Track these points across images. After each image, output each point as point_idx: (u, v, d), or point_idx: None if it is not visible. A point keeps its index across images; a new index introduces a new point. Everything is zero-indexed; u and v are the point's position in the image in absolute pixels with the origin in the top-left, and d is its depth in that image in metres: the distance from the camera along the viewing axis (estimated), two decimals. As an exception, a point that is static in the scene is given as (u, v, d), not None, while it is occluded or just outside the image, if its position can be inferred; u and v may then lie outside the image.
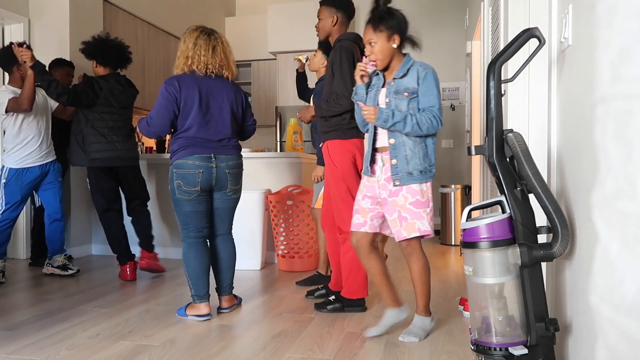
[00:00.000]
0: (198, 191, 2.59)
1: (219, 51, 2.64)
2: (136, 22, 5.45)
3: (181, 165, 2.57)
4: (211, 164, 2.59)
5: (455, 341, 2.28)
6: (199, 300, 2.61)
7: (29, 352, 2.15)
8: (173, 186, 2.61)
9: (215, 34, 2.68)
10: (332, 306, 2.74)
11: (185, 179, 2.57)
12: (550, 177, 1.88)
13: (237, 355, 2.12)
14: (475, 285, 1.56)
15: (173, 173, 2.60)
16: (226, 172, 2.65)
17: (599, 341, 1.27)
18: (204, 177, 2.58)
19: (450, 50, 7.21)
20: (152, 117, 2.61)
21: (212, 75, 2.64)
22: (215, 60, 2.62)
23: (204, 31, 2.65)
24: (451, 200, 5.25)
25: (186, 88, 2.58)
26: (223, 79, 2.69)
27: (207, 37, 2.63)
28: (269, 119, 7.43)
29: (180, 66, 2.63)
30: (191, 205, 2.61)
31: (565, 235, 1.50)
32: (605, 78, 1.23)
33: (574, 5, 1.55)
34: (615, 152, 1.16)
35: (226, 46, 2.70)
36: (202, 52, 2.59)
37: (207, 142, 2.60)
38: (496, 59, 1.56)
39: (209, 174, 2.59)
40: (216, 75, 2.65)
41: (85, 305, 2.90)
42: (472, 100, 4.86)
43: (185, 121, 2.59)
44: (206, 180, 2.59)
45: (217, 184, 2.65)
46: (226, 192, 2.70)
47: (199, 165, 2.56)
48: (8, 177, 3.51)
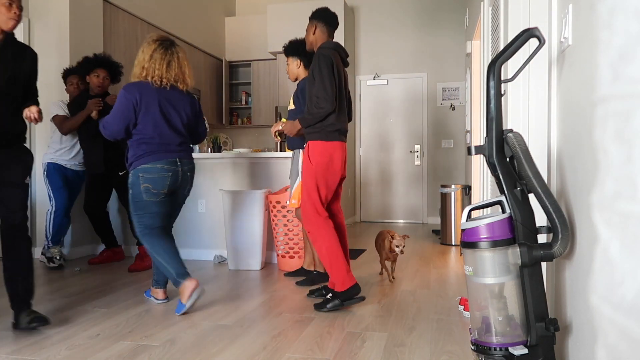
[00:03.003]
0: (165, 193, 2.79)
1: (174, 66, 2.80)
2: (136, 22, 5.45)
3: (150, 170, 2.72)
4: (177, 167, 2.80)
5: (455, 341, 2.28)
6: (183, 278, 2.71)
7: (29, 352, 2.15)
8: (139, 190, 2.74)
9: (172, 47, 2.82)
10: (331, 304, 2.75)
11: (154, 182, 2.73)
12: (550, 177, 1.88)
13: (237, 355, 2.12)
14: (475, 285, 1.56)
15: (139, 177, 2.73)
16: (188, 174, 2.89)
17: (599, 341, 1.27)
18: (172, 180, 2.79)
19: (450, 50, 7.21)
20: (109, 121, 2.74)
21: (167, 87, 2.79)
22: (170, 74, 2.78)
23: (162, 45, 2.78)
24: (451, 200, 5.25)
25: (146, 96, 2.73)
26: (178, 90, 2.85)
27: (163, 51, 2.77)
28: (269, 119, 7.44)
29: (137, 75, 2.78)
30: (158, 206, 2.79)
31: (565, 235, 1.50)
32: (605, 78, 1.23)
33: (574, 5, 1.55)
34: (615, 152, 1.16)
35: (182, 60, 2.84)
36: (156, 66, 2.75)
37: (171, 147, 2.80)
38: (496, 59, 1.56)
39: (176, 177, 2.80)
40: (171, 86, 2.81)
41: (85, 305, 2.90)
42: (472, 100, 4.86)
43: (149, 127, 2.73)
44: (174, 182, 2.80)
45: (180, 185, 2.86)
46: (184, 192, 2.94)
47: (167, 169, 2.75)
48: (48, 169, 4.06)
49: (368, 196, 7.53)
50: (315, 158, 2.83)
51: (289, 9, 6.89)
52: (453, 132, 7.20)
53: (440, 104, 7.28)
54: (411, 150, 7.35)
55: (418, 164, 7.31)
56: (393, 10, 7.42)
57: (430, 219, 7.29)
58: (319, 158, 2.83)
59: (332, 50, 2.87)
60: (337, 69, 2.82)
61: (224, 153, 4.40)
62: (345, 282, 2.75)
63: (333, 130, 2.84)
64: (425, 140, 7.29)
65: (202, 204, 4.40)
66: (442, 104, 7.27)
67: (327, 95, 2.73)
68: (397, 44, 7.41)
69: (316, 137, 2.84)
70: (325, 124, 2.82)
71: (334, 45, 2.92)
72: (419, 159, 7.31)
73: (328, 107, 2.74)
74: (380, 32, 7.48)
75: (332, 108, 2.75)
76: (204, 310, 2.79)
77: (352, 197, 7.41)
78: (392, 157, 7.44)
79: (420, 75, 7.33)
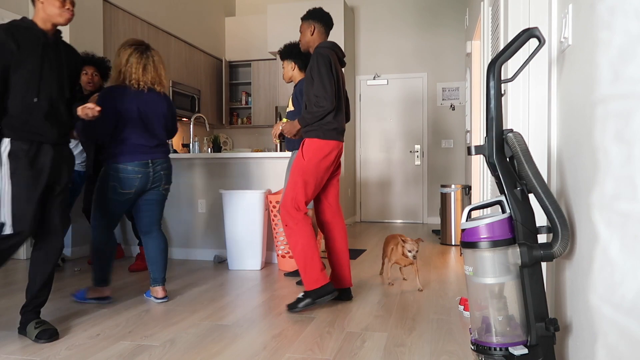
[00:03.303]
0: (132, 193, 2.88)
1: (150, 69, 2.89)
2: (136, 22, 5.45)
3: (121, 170, 2.82)
4: (149, 169, 2.88)
5: (455, 341, 2.28)
6: (99, 285, 2.91)
7: (29, 352, 2.15)
8: (106, 185, 2.84)
9: (148, 51, 2.91)
10: (303, 303, 2.73)
11: (122, 183, 2.83)
12: (550, 177, 1.88)
13: (237, 355, 2.12)
14: (475, 285, 1.56)
15: (110, 174, 2.83)
16: (161, 173, 2.95)
17: (599, 341, 1.27)
18: (142, 182, 2.87)
19: (450, 50, 7.21)
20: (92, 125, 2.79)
21: (145, 90, 2.88)
22: (146, 77, 2.88)
23: (138, 49, 2.88)
24: (451, 200, 5.25)
25: (123, 99, 2.81)
26: (156, 92, 2.94)
27: (139, 55, 2.87)
28: (269, 119, 7.44)
29: (115, 79, 2.88)
30: (120, 205, 2.89)
31: (565, 235, 1.50)
32: (605, 78, 1.23)
33: (574, 5, 1.55)
34: (615, 152, 1.16)
35: (158, 64, 2.94)
36: (133, 70, 2.84)
37: (146, 148, 2.87)
38: (496, 59, 1.56)
39: (146, 179, 2.88)
40: (149, 89, 2.90)
41: (85, 305, 2.90)
42: (472, 100, 4.86)
43: (125, 129, 2.82)
44: (143, 184, 2.88)
45: (152, 185, 2.93)
46: (159, 190, 2.99)
47: (138, 171, 2.84)
48: None
49: (368, 196, 7.53)
50: (309, 154, 2.82)
51: (289, 9, 6.89)
52: (453, 132, 7.20)
53: (440, 104, 7.28)
54: (411, 150, 7.35)
55: (418, 164, 7.31)
56: (393, 10, 7.42)
57: (430, 219, 7.29)
58: (312, 155, 2.82)
59: (330, 50, 2.88)
60: (334, 68, 2.84)
61: (224, 153, 4.40)
62: (318, 280, 2.74)
63: (331, 129, 2.84)
64: (425, 140, 7.29)
65: (202, 204, 4.40)
66: (442, 104, 7.27)
67: (326, 94, 2.74)
68: (397, 44, 7.41)
69: (313, 134, 2.84)
70: (323, 123, 2.82)
71: (331, 45, 2.93)
72: (418, 159, 7.31)
73: (328, 106, 2.75)
74: (380, 32, 7.48)
75: (332, 107, 2.76)
76: (204, 310, 2.79)
77: (352, 197, 7.41)
78: (392, 157, 7.44)
79: (420, 75, 7.33)
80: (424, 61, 7.32)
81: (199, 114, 5.14)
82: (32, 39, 2.27)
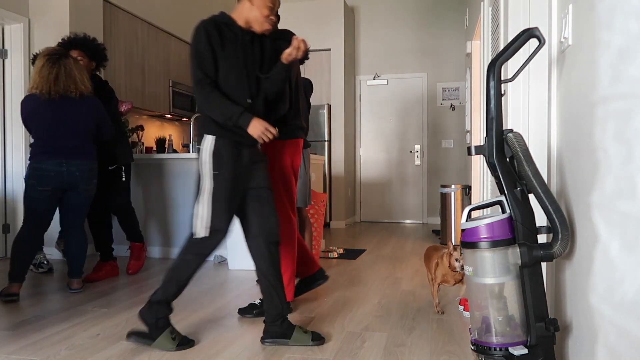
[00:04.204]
0: (48, 191, 3.06)
1: (61, 78, 3.05)
2: (136, 22, 5.45)
3: (37, 168, 3.04)
4: (62, 168, 3.06)
5: (455, 341, 2.28)
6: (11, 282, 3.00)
7: (29, 352, 2.15)
8: (27, 183, 3.07)
9: (59, 61, 3.05)
10: (257, 310, 2.66)
11: (38, 180, 3.04)
12: (550, 177, 1.88)
13: (237, 355, 2.12)
14: (475, 285, 1.57)
15: (29, 173, 3.07)
16: (77, 174, 3.11)
17: (599, 341, 1.27)
18: (56, 181, 3.05)
19: (450, 50, 7.21)
20: None
21: (57, 97, 3.05)
22: (58, 86, 3.04)
23: (50, 59, 3.05)
24: (451, 200, 5.25)
25: (35, 106, 3.04)
26: (71, 98, 3.09)
27: (50, 65, 3.04)
28: (269, 119, 7.43)
29: (29, 88, 3.09)
30: (40, 202, 3.06)
31: (565, 235, 1.50)
32: (605, 78, 1.23)
33: (574, 5, 1.55)
34: (615, 152, 1.16)
35: (70, 71, 3.08)
36: (44, 80, 3.02)
37: (60, 149, 3.06)
38: (496, 59, 1.56)
39: (60, 178, 3.06)
40: (61, 96, 3.06)
41: (85, 305, 2.90)
42: (472, 100, 4.86)
43: (41, 133, 3.06)
44: (58, 182, 3.06)
45: (69, 185, 3.11)
46: (79, 191, 3.16)
47: (51, 169, 3.03)
48: None
49: (368, 196, 7.53)
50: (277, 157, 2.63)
51: (289, 9, 6.89)
52: (453, 132, 7.20)
53: (440, 104, 7.28)
54: (411, 150, 7.35)
55: (418, 164, 7.31)
56: (393, 10, 7.42)
57: (430, 219, 7.29)
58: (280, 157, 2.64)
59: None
60: None
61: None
62: None
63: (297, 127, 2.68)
64: (425, 140, 7.29)
65: (202, 204, 4.39)
66: (442, 104, 7.27)
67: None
68: (397, 44, 7.41)
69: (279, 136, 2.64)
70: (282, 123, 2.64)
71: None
72: (418, 159, 7.31)
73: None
74: (380, 32, 7.48)
75: None
76: (204, 310, 2.79)
77: (352, 197, 7.41)
78: (392, 157, 7.44)
79: (420, 75, 7.33)
80: (424, 61, 7.32)
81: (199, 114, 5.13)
82: (234, 36, 2.21)
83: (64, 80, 3.06)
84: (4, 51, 4.44)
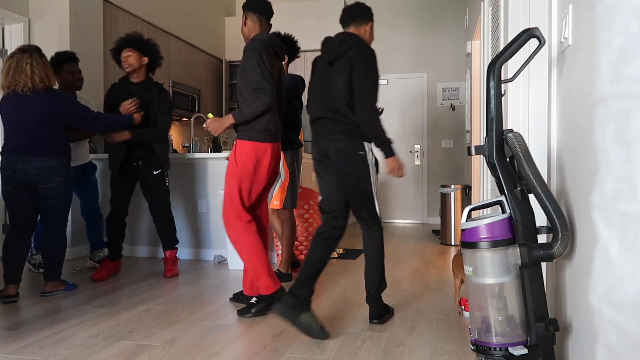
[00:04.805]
0: (12, 190, 3.04)
1: (12, 74, 2.99)
2: (136, 22, 5.45)
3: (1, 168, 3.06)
4: (18, 166, 3.00)
5: (455, 341, 2.28)
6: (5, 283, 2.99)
7: (29, 352, 2.15)
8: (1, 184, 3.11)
9: (14, 56, 3.02)
10: (256, 308, 2.67)
11: (2, 179, 3.07)
12: (550, 177, 1.88)
13: (237, 355, 2.12)
14: (475, 285, 1.57)
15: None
16: (32, 172, 3.01)
17: (599, 341, 1.27)
18: (14, 178, 3.01)
19: (450, 50, 7.21)
20: None
21: (20, 93, 3.00)
22: (9, 81, 2.99)
23: (15, 56, 3.02)
24: (451, 200, 5.25)
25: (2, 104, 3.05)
26: (22, 94, 3.00)
27: (16, 63, 3.00)
28: (269, 119, 7.43)
29: None
30: (9, 200, 3.06)
31: (565, 235, 1.50)
32: (605, 78, 1.23)
33: (574, 6, 1.55)
34: (615, 152, 1.16)
35: (25, 66, 2.98)
36: (8, 77, 3.00)
37: (18, 147, 3.01)
38: (496, 59, 1.56)
39: (17, 175, 3.01)
40: (15, 92, 3.00)
41: (85, 305, 2.90)
42: (472, 100, 4.87)
43: (6, 130, 3.07)
44: (16, 180, 3.01)
45: (28, 183, 3.03)
46: (40, 190, 3.06)
47: (8, 167, 3.02)
48: None
49: (368, 196, 7.53)
50: (241, 158, 2.65)
51: (289, 9, 6.89)
52: (453, 132, 7.20)
53: (440, 104, 7.28)
54: (411, 150, 7.35)
55: (418, 164, 7.31)
56: (393, 10, 7.42)
57: (430, 219, 7.29)
58: (245, 158, 2.65)
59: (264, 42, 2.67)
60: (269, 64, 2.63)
61: (224, 153, 4.40)
62: (269, 286, 2.65)
63: (262, 129, 2.65)
64: (425, 140, 7.29)
65: (203, 204, 4.40)
66: (442, 104, 7.27)
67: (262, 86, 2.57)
68: (397, 44, 7.41)
69: (245, 136, 2.65)
70: (254, 123, 2.64)
71: (266, 38, 2.70)
72: (419, 159, 7.31)
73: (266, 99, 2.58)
74: (380, 32, 7.48)
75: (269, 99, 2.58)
76: (204, 310, 2.79)
77: (352, 197, 7.41)
78: (392, 157, 7.43)
79: (420, 75, 7.33)
80: (424, 61, 7.32)
81: (199, 114, 5.13)
82: None
83: (12, 74, 2.98)
84: (4, 51, 4.44)
